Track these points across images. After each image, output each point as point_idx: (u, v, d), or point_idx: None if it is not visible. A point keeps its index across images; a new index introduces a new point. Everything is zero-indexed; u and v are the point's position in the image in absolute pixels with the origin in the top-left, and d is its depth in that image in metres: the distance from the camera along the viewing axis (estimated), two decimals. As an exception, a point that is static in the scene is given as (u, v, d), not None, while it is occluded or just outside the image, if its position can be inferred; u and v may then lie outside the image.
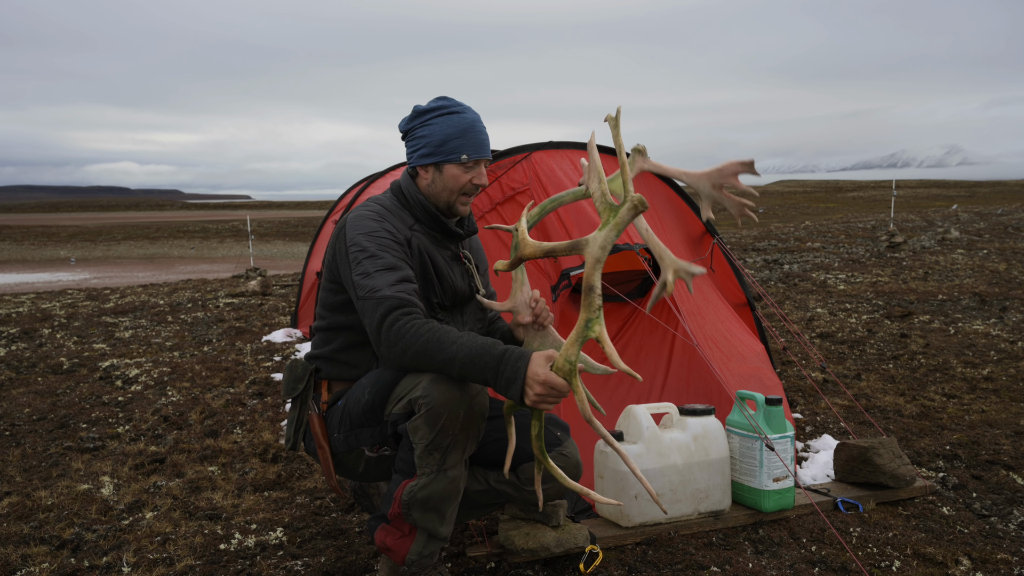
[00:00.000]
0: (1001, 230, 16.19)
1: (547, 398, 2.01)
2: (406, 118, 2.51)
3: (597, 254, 1.96)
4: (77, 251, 31.28)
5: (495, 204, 3.69)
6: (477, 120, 2.46)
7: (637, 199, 1.91)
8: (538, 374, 2.00)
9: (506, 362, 2.05)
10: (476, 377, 2.09)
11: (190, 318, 8.59)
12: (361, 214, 2.40)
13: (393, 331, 2.15)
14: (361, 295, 2.24)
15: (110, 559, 2.86)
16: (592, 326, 1.95)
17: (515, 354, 2.06)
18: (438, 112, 2.44)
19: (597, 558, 2.66)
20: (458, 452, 2.21)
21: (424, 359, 2.13)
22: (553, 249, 2.09)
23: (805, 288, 9.53)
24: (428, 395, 2.14)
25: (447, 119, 2.42)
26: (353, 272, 2.28)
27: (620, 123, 2.10)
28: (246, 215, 31.94)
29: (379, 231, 2.34)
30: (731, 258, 4.20)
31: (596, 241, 1.97)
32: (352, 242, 2.32)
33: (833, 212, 37.04)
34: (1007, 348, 5.85)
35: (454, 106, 2.45)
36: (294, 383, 2.49)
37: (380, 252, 2.29)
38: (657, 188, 4.15)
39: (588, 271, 1.97)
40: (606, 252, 1.96)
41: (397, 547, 2.30)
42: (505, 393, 2.06)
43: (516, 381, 2.03)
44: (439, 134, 2.42)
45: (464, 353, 2.09)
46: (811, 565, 2.67)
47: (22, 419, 4.73)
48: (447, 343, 2.11)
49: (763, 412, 3.02)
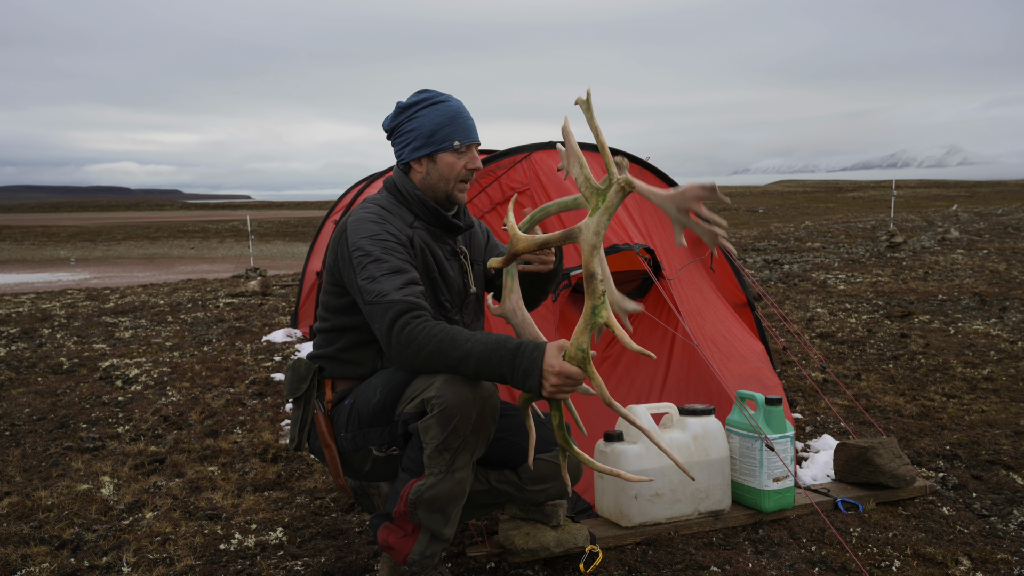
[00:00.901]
0: (1001, 230, 16.19)
1: (563, 388, 2.02)
2: (389, 116, 2.50)
3: (592, 240, 1.95)
4: (77, 251, 31.28)
5: (495, 204, 3.69)
6: (462, 106, 2.47)
7: (624, 180, 1.90)
8: (553, 365, 2.01)
9: (522, 355, 2.05)
10: (492, 372, 2.09)
11: (190, 318, 8.59)
12: (361, 216, 2.38)
13: (404, 335, 2.15)
14: (368, 300, 2.23)
15: (110, 559, 2.86)
16: (599, 312, 1.95)
17: (530, 346, 2.06)
18: (422, 104, 2.44)
19: (597, 558, 2.66)
20: (467, 454, 2.21)
21: (438, 359, 2.13)
22: (547, 240, 2.08)
23: (805, 288, 9.53)
24: (441, 395, 2.14)
25: (433, 109, 2.43)
26: (358, 277, 2.27)
27: (592, 105, 2.01)
28: (246, 215, 31.94)
29: (381, 233, 2.33)
30: (731, 258, 4.20)
31: (589, 228, 1.96)
32: (355, 246, 2.31)
33: (833, 212, 37.04)
34: (1007, 348, 5.85)
35: (436, 96, 2.46)
36: (297, 383, 2.48)
37: (384, 255, 2.28)
38: (655, 186, 4.15)
39: (586, 257, 1.95)
40: (600, 237, 1.95)
41: (399, 546, 2.29)
42: (523, 386, 2.06)
43: (533, 373, 2.03)
44: (428, 125, 2.42)
45: (479, 349, 2.09)
46: (811, 565, 2.67)
47: (22, 419, 4.73)
48: (460, 341, 2.11)
49: (763, 412, 3.02)
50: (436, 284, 2.42)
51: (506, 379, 2.08)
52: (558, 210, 2.32)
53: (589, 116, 1.96)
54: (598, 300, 1.95)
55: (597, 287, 1.95)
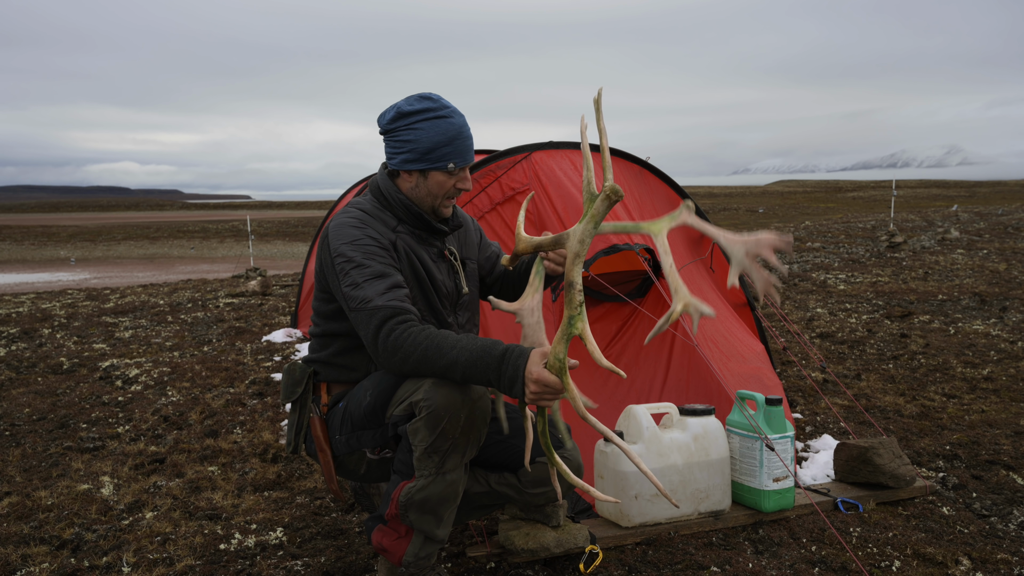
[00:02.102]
0: (1001, 230, 16.19)
1: (543, 396, 2.02)
2: (388, 116, 2.40)
3: (576, 248, 1.97)
4: (77, 251, 31.28)
5: (495, 204, 3.69)
6: (464, 125, 2.40)
7: (610, 188, 1.91)
8: (532, 372, 2.01)
9: (507, 362, 2.05)
10: (479, 379, 2.09)
11: (190, 318, 8.59)
12: (342, 222, 2.35)
13: (391, 341, 2.14)
14: (353, 307, 2.22)
15: (110, 559, 2.86)
16: (575, 323, 1.96)
17: (515, 353, 2.06)
18: (424, 116, 2.35)
19: (597, 558, 2.66)
20: (457, 456, 2.21)
21: (425, 366, 2.13)
22: (540, 244, 2.12)
23: (805, 288, 9.53)
24: (429, 398, 2.13)
25: (434, 124, 2.35)
26: (341, 284, 2.25)
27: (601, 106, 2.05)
28: (246, 215, 31.93)
29: (362, 238, 2.30)
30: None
31: (575, 235, 1.99)
32: (336, 252, 2.28)
33: (833, 212, 37.04)
34: (1007, 348, 5.85)
35: (440, 109, 2.37)
36: (293, 386, 2.48)
37: (366, 261, 2.26)
38: (657, 188, 4.15)
39: (568, 265, 1.98)
40: (585, 246, 1.97)
41: (393, 548, 2.29)
42: (509, 392, 2.06)
43: (517, 380, 2.03)
44: (426, 141, 2.34)
45: (465, 357, 2.08)
46: (811, 565, 2.67)
47: (22, 419, 4.73)
48: (447, 348, 2.10)
49: (763, 412, 3.02)
50: (425, 287, 2.40)
51: (493, 385, 2.09)
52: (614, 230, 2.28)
53: (598, 117, 1.99)
54: (574, 311, 1.96)
55: (575, 297, 1.96)
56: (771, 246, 2.12)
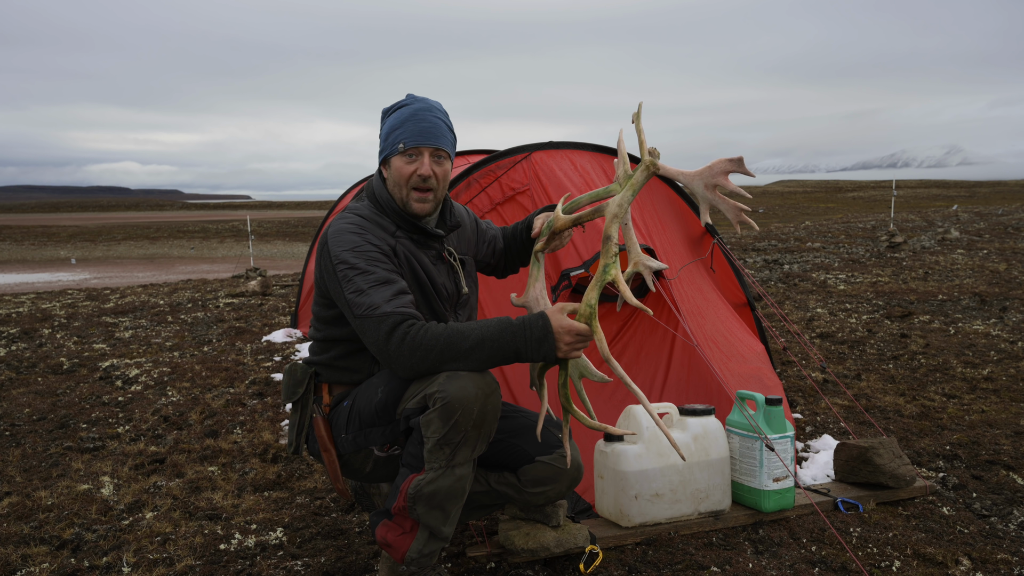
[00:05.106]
0: (1001, 230, 16.19)
1: (576, 345, 2.16)
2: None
3: (614, 211, 2.24)
4: (77, 251, 31.28)
5: (495, 204, 3.69)
6: (422, 109, 2.41)
7: (649, 161, 2.22)
8: (563, 325, 2.15)
9: (530, 327, 2.15)
10: (507, 349, 2.16)
11: (190, 318, 8.59)
12: (341, 228, 2.34)
13: (406, 344, 2.15)
14: (359, 314, 2.21)
15: (110, 559, 2.86)
16: (609, 270, 2.19)
17: (533, 317, 2.17)
18: (393, 108, 2.45)
19: (597, 558, 2.66)
20: (468, 449, 2.21)
21: (449, 355, 2.15)
22: (579, 218, 2.40)
23: (805, 288, 9.53)
24: (444, 390, 2.14)
25: (397, 113, 2.42)
26: (345, 290, 2.24)
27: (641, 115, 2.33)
28: (246, 215, 31.94)
29: (363, 244, 2.30)
30: (731, 258, 4.20)
31: (614, 201, 2.26)
32: (338, 259, 2.28)
33: (833, 212, 37.05)
34: (1007, 348, 5.85)
35: (407, 100, 2.46)
36: (294, 387, 2.48)
37: (369, 267, 2.25)
38: (658, 188, 4.15)
39: (606, 224, 2.22)
40: (623, 209, 2.24)
41: (398, 544, 2.28)
42: (538, 351, 2.15)
43: (547, 339, 2.14)
44: (385, 128, 2.44)
45: (489, 333, 2.16)
46: (811, 565, 2.67)
47: (22, 419, 4.73)
48: (467, 332, 2.17)
49: (763, 412, 3.02)
50: (427, 292, 2.41)
51: (520, 353, 2.16)
52: (589, 200, 2.49)
53: (637, 125, 2.28)
54: (610, 259, 2.20)
55: (611, 248, 2.20)
56: (725, 171, 2.24)
